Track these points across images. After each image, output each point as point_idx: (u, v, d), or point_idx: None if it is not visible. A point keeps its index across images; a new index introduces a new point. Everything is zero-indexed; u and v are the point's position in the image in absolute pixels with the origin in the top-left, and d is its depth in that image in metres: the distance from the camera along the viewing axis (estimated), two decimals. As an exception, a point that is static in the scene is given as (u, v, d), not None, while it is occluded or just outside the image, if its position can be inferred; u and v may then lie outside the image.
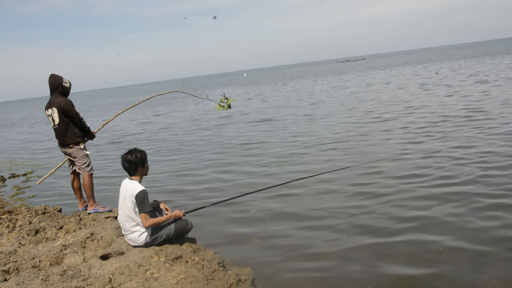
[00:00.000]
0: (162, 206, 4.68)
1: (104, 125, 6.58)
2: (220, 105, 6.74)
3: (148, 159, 4.49)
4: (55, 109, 5.37)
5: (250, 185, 6.81)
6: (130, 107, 6.94)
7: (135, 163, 4.32)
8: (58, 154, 11.77)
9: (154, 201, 4.91)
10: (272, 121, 14.20)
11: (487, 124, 9.32)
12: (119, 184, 4.50)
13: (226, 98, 6.74)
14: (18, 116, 43.96)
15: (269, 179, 7.07)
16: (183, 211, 4.59)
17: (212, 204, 5.04)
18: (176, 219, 4.49)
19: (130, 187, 4.26)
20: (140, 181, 4.37)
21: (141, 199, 4.16)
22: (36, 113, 44.60)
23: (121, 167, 4.44)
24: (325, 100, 19.02)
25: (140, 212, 4.20)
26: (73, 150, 5.52)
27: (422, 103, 13.93)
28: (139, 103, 6.93)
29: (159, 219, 4.36)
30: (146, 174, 4.51)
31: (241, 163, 8.50)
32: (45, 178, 6.04)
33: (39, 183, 6.14)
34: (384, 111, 13.28)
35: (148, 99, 7.08)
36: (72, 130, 5.48)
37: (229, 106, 6.77)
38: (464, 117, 10.54)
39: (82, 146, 5.58)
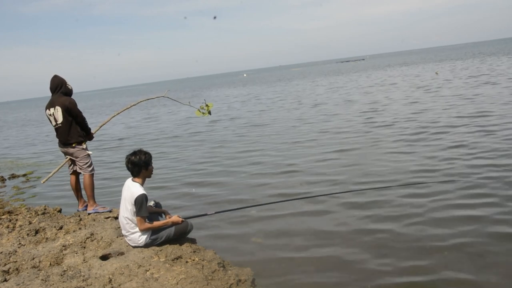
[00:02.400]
0: (167, 216, 4.66)
1: (100, 126, 6.62)
2: (199, 111, 6.79)
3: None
4: (58, 108, 5.39)
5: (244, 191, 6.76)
6: (123, 110, 7.01)
7: (138, 165, 4.30)
8: (52, 155, 11.81)
9: (156, 203, 4.91)
10: (268, 126, 13.46)
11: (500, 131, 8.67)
12: (120, 185, 4.51)
13: (207, 105, 6.81)
14: (16, 117, 43.95)
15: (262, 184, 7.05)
16: (181, 217, 4.55)
17: (216, 213, 5.02)
18: (174, 224, 4.48)
19: (131, 189, 4.25)
20: (142, 183, 4.36)
21: (139, 204, 4.15)
22: (32, 114, 44.50)
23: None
24: (325, 102, 18.55)
25: (136, 215, 4.20)
26: (75, 150, 5.53)
27: (425, 106, 13.52)
28: (130, 106, 7.08)
29: (155, 223, 4.35)
30: (149, 177, 4.49)
31: (232, 169, 8.40)
32: (50, 176, 6.06)
33: (43, 182, 6.17)
34: (385, 114, 12.93)
35: (138, 103, 7.25)
36: (75, 129, 5.50)
37: (209, 113, 6.83)
38: (471, 122, 9.95)
39: (84, 146, 5.60)
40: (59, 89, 5.47)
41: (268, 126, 13.43)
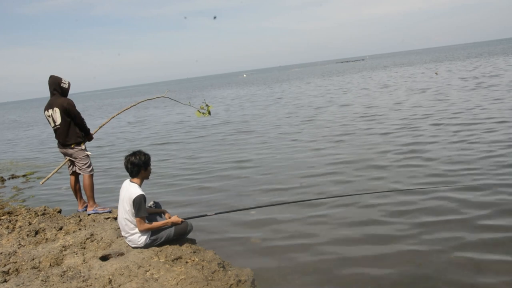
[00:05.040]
0: (166, 216, 4.67)
1: (100, 127, 6.62)
2: (199, 112, 6.79)
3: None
4: (56, 109, 5.39)
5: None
6: (122, 111, 7.03)
7: (138, 165, 4.32)
8: (51, 155, 11.67)
9: (155, 203, 4.91)
10: (265, 130, 12.93)
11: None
12: (119, 186, 4.50)
13: (207, 105, 6.81)
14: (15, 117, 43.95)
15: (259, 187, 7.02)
16: (181, 217, 4.55)
17: (215, 214, 5.02)
18: (174, 225, 4.48)
19: (130, 190, 4.26)
20: (140, 184, 4.37)
21: (138, 204, 4.16)
22: (24, 115, 44.30)
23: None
24: (322, 106, 17.77)
25: (135, 216, 4.21)
26: (74, 151, 5.53)
27: (424, 111, 12.79)
28: (130, 107, 7.11)
29: (154, 224, 4.35)
30: (147, 178, 4.51)
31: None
32: (49, 177, 6.07)
33: (42, 183, 6.17)
34: (382, 120, 12.20)
35: (137, 103, 7.26)
36: (74, 130, 5.49)
37: (209, 113, 6.84)
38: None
39: (83, 146, 5.59)
40: (55, 89, 5.46)
41: (265, 130, 12.96)
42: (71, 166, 5.75)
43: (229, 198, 6.47)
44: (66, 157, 5.71)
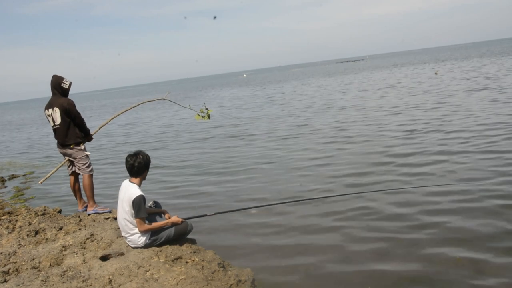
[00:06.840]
0: (166, 216, 4.68)
1: (100, 127, 6.61)
2: (199, 115, 6.78)
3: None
4: (56, 109, 5.39)
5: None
6: (123, 112, 7.04)
7: (144, 165, 4.38)
8: (53, 155, 11.59)
9: (155, 203, 4.92)
10: (263, 132, 12.61)
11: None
12: (119, 185, 4.51)
13: (207, 109, 6.79)
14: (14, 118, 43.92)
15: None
16: (181, 217, 4.56)
17: (215, 213, 5.02)
18: (174, 225, 4.49)
19: (129, 190, 4.26)
20: (139, 185, 4.38)
21: (137, 205, 4.16)
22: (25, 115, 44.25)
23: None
24: (323, 107, 17.40)
25: (135, 217, 4.22)
26: (73, 151, 5.53)
27: (422, 116, 12.24)
28: (130, 108, 7.12)
29: (154, 225, 4.36)
30: (145, 179, 4.53)
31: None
32: (48, 177, 6.07)
33: (41, 183, 6.17)
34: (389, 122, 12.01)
35: (138, 105, 7.28)
36: (73, 130, 5.50)
37: (208, 117, 6.83)
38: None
39: (82, 146, 5.59)
40: (55, 89, 5.47)
41: (262, 133, 12.62)
42: (71, 166, 5.75)
43: (228, 198, 6.47)
44: (66, 157, 5.71)
